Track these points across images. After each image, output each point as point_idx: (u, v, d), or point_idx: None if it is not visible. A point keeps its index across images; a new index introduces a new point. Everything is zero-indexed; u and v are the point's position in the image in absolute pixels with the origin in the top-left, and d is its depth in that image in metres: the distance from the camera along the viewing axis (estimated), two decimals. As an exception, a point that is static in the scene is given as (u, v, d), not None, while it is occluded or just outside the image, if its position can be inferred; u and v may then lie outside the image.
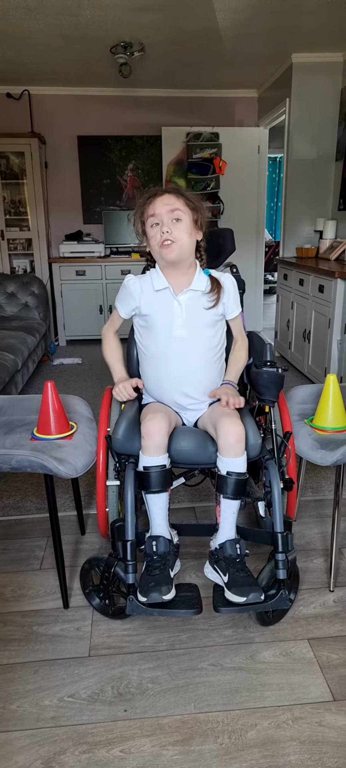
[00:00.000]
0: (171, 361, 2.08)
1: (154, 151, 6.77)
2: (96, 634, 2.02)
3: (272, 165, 11.12)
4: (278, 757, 1.55)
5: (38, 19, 4.28)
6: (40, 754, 1.58)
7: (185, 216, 2.02)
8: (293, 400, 2.52)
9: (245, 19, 4.35)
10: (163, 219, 2.00)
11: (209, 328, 2.10)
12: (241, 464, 1.88)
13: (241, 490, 1.89)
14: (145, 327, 2.14)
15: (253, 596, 1.77)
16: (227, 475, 1.88)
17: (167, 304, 2.08)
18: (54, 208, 6.85)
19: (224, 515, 1.93)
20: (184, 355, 2.07)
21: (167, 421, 1.93)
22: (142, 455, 1.91)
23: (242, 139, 6.62)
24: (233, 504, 1.91)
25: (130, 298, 2.12)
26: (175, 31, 4.60)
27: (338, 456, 1.97)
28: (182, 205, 2.02)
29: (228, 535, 1.93)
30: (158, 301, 2.09)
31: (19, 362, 4.25)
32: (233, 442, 1.87)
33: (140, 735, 1.63)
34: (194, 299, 2.08)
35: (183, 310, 2.06)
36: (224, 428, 1.88)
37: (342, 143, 5.34)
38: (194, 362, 2.07)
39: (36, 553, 2.52)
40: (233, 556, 1.89)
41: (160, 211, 2.00)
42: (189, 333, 2.06)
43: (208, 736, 1.62)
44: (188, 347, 2.06)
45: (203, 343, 2.09)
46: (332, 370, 4.34)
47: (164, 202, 2.01)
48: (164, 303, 2.08)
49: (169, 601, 1.79)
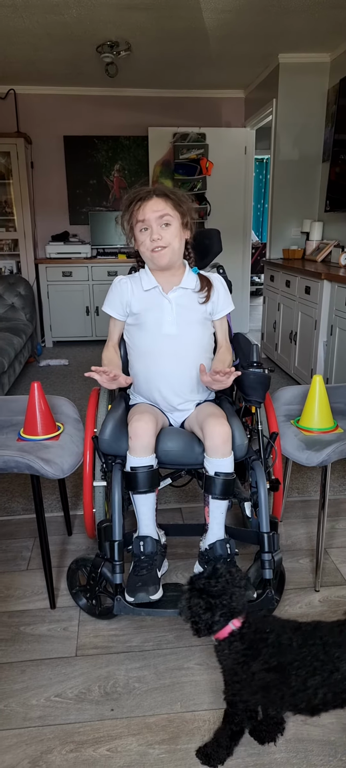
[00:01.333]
0: (162, 358, 2.08)
1: (141, 152, 6.77)
2: (83, 634, 2.02)
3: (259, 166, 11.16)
4: (264, 756, 1.56)
5: (24, 17, 4.26)
6: (27, 753, 1.58)
7: (174, 220, 2.02)
8: (280, 401, 2.54)
9: (231, 19, 4.37)
10: (153, 225, 2.00)
11: (199, 326, 2.11)
12: (228, 464, 1.89)
13: (229, 490, 1.90)
14: (136, 325, 2.14)
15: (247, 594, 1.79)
16: (214, 476, 1.88)
17: (157, 302, 2.09)
18: (40, 209, 6.83)
19: (212, 516, 1.93)
20: (175, 353, 2.07)
21: (154, 422, 1.93)
22: (130, 456, 1.91)
23: (229, 139, 6.64)
24: (221, 504, 1.92)
25: (122, 296, 2.13)
26: (161, 30, 4.60)
27: (324, 457, 1.99)
28: (171, 209, 2.01)
29: (218, 535, 1.94)
30: (148, 299, 2.10)
31: (6, 363, 4.24)
32: (220, 443, 1.87)
33: (127, 734, 1.63)
34: (184, 297, 2.09)
35: (173, 308, 2.07)
36: (210, 429, 1.89)
37: (329, 144, 5.36)
38: (185, 359, 2.08)
39: (23, 553, 2.51)
40: (224, 555, 1.90)
41: (149, 217, 2.00)
42: (180, 330, 2.07)
43: (194, 735, 1.63)
44: (179, 345, 2.07)
45: (194, 341, 2.10)
46: (318, 371, 4.36)
47: (153, 208, 2.00)
48: (154, 301, 2.09)
49: (156, 601, 1.80)
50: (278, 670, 1.35)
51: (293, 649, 1.36)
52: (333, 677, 1.31)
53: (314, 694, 1.32)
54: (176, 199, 2.03)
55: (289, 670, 1.34)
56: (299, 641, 1.37)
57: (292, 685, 1.34)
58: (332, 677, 1.31)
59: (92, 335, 6.76)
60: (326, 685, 1.31)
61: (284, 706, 1.39)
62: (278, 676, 1.35)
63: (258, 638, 1.39)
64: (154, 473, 1.91)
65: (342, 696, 1.33)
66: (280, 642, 1.38)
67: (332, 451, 1.99)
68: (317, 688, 1.32)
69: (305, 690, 1.33)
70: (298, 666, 1.33)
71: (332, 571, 2.35)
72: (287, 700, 1.36)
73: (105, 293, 2.20)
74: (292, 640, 1.38)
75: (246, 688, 1.40)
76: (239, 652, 1.39)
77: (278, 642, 1.38)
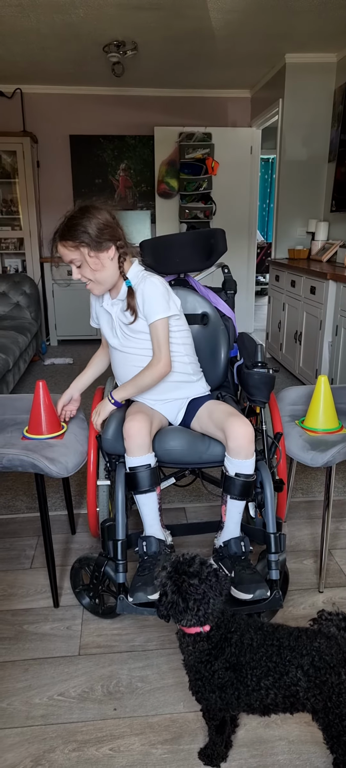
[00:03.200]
0: (117, 368, 2.18)
1: (147, 151, 6.77)
2: (86, 633, 2.02)
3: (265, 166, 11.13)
4: (267, 757, 1.56)
5: (31, 17, 4.27)
6: (29, 752, 1.58)
7: (81, 258, 1.96)
8: (284, 401, 2.53)
9: (238, 19, 4.36)
10: (73, 268, 2.01)
11: (143, 334, 2.05)
12: (250, 466, 1.90)
13: (248, 491, 1.91)
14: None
15: (259, 593, 1.80)
16: (235, 477, 1.89)
17: (106, 316, 2.15)
18: (46, 208, 6.83)
19: (229, 515, 1.94)
20: (123, 363, 2.12)
21: (148, 421, 1.93)
22: (127, 456, 1.92)
23: (235, 139, 6.63)
24: (239, 504, 1.93)
25: (91, 308, 2.26)
26: (168, 30, 4.60)
27: (329, 457, 1.98)
28: (72, 252, 1.95)
29: (233, 533, 1.95)
30: (102, 312, 2.17)
31: (11, 362, 4.24)
32: (245, 443, 1.87)
33: (130, 734, 1.63)
34: (121, 308, 2.08)
35: (114, 320, 2.10)
36: (234, 429, 1.88)
37: (335, 144, 5.35)
38: (135, 368, 2.07)
39: (26, 552, 2.51)
40: (238, 553, 1.91)
41: (64, 259, 2.01)
42: (123, 341, 2.09)
43: (197, 735, 1.62)
44: (126, 355, 2.10)
45: (141, 350, 2.06)
46: (323, 371, 4.35)
47: (60, 253, 1.99)
48: (105, 315, 2.16)
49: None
50: (236, 669, 1.36)
51: (253, 649, 1.37)
52: (283, 680, 1.32)
53: (266, 694, 1.34)
54: (71, 238, 1.93)
55: (246, 670, 1.35)
56: (258, 641, 1.38)
57: (247, 684, 1.35)
58: (282, 680, 1.32)
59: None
60: (276, 687, 1.33)
61: (240, 705, 1.39)
62: (235, 675, 1.36)
63: (223, 638, 1.40)
64: (154, 472, 1.91)
65: (290, 700, 1.33)
66: (242, 642, 1.39)
67: (337, 452, 1.99)
68: (269, 688, 1.33)
69: (259, 690, 1.34)
70: (254, 666, 1.35)
71: (336, 573, 2.35)
72: (242, 699, 1.37)
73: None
74: (253, 640, 1.38)
75: (206, 686, 1.40)
76: (204, 651, 1.39)
77: (241, 642, 1.39)
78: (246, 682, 1.35)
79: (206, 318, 2.38)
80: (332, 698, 1.29)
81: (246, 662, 1.35)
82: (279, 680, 1.32)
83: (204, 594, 1.34)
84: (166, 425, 2.15)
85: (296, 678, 1.31)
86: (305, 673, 1.31)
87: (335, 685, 1.29)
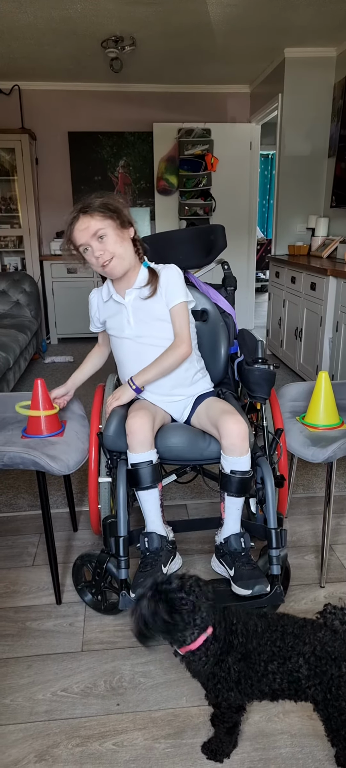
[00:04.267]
0: (129, 361, 2.14)
1: (146, 148, 6.75)
2: (88, 629, 2.03)
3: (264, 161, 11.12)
4: (270, 750, 1.56)
5: (28, 12, 4.26)
6: (33, 747, 1.59)
7: (108, 229, 1.98)
8: (285, 397, 2.54)
9: (237, 14, 4.36)
10: (91, 243, 1.98)
11: (160, 321, 2.09)
12: (245, 463, 1.90)
13: (245, 488, 1.92)
14: (109, 331, 2.21)
15: (258, 588, 1.81)
16: (230, 474, 1.89)
17: (116, 308, 2.13)
18: (45, 205, 6.83)
19: (228, 512, 1.95)
20: (138, 353, 2.11)
21: (150, 417, 1.93)
22: (129, 453, 1.93)
23: (234, 135, 6.62)
24: (237, 501, 1.93)
25: (92, 311, 2.24)
26: (166, 25, 4.59)
27: (330, 453, 1.99)
28: (99, 221, 1.97)
29: (233, 530, 1.96)
30: (109, 308, 2.17)
31: (11, 360, 4.24)
32: (238, 441, 1.88)
33: (133, 728, 1.64)
34: (139, 296, 2.09)
35: (130, 311, 2.09)
36: (227, 426, 1.89)
37: (335, 139, 5.35)
38: (149, 358, 2.08)
39: (29, 549, 2.52)
40: (238, 550, 1.92)
41: (84, 237, 1.98)
42: (139, 331, 2.09)
43: (200, 730, 1.63)
44: (141, 345, 2.10)
45: (156, 339, 2.09)
46: (323, 367, 4.36)
47: (81, 228, 1.98)
48: (114, 308, 2.14)
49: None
50: (246, 658, 1.37)
51: (258, 634, 1.39)
52: (285, 665, 1.34)
53: (273, 678, 1.35)
54: (101, 209, 1.98)
55: (254, 656, 1.37)
56: (263, 626, 1.40)
57: (257, 671, 1.36)
58: (285, 665, 1.34)
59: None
60: (281, 672, 1.35)
61: (254, 693, 1.41)
62: (246, 664, 1.37)
63: (228, 631, 1.40)
64: (155, 468, 1.92)
65: (294, 686, 1.35)
66: (247, 629, 1.40)
67: (337, 448, 1.99)
68: (275, 673, 1.35)
69: (267, 675, 1.36)
70: (260, 651, 1.36)
71: (338, 567, 2.35)
72: (255, 686, 1.38)
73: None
74: (257, 626, 1.40)
75: (224, 685, 1.40)
76: (217, 651, 1.39)
77: (246, 629, 1.40)
78: (256, 668, 1.36)
79: (205, 314, 2.38)
80: (332, 690, 1.31)
81: (253, 648, 1.37)
82: (283, 665, 1.34)
83: (194, 603, 1.34)
84: (169, 422, 2.15)
85: (298, 665, 1.33)
86: (307, 660, 1.33)
87: (335, 677, 1.30)
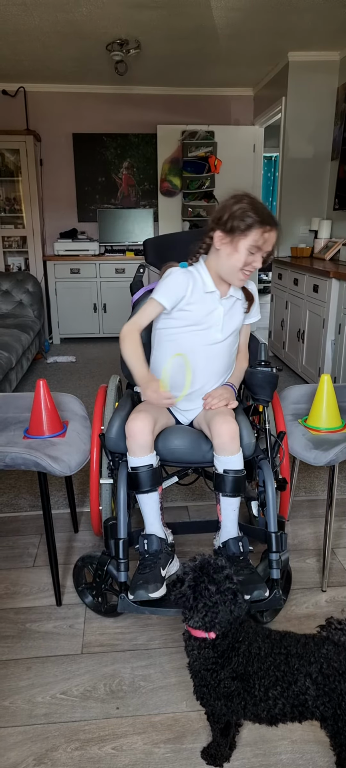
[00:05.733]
0: (199, 360, 2.07)
1: (150, 150, 6.76)
2: (89, 631, 2.02)
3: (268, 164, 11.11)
4: (270, 756, 1.56)
5: (34, 15, 4.27)
6: (32, 750, 1.58)
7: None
8: (287, 399, 2.53)
9: (241, 17, 4.35)
10: (260, 254, 1.97)
11: (236, 335, 2.16)
12: (237, 461, 1.89)
13: (239, 487, 1.90)
14: (184, 321, 2.06)
15: (257, 593, 1.79)
16: (224, 473, 1.89)
17: (211, 306, 2.06)
18: (49, 206, 6.84)
19: (224, 513, 1.94)
20: (212, 357, 2.09)
21: (151, 420, 1.91)
22: (129, 456, 1.92)
23: (238, 137, 6.62)
24: (232, 501, 1.92)
25: (180, 288, 2.02)
26: (171, 28, 4.59)
27: (332, 456, 1.98)
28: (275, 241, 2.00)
29: (231, 533, 1.94)
30: (205, 301, 2.06)
31: (14, 360, 4.24)
32: (227, 440, 1.87)
33: (132, 732, 1.63)
34: (232, 305, 2.10)
35: (222, 315, 2.07)
36: (217, 427, 1.89)
37: (338, 142, 5.34)
38: (218, 365, 2.11)
39: (29, 550, 2.51)
40: (237, 554, 1.90)
41: (269, 248, 1.97)
42: (224, 336, 2.09)
43: (200, 735, 1.62)
44: (218, 350, 2.09)
45: (229, 347, 2.13)
46: (326, 370, 4.34)
47: (272, 241, 1.97)
48: (210, 305, 2.06)
49: (160, 600, 1.80)
50: (244, 679, 1.35)
51: (260, 658, 1.36)
52: (291, 689, 1.31)
53: (274, 704, 1.33)
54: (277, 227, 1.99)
55: (253, 680, 1.34)
56: (266, 650, 1.37)
57: (255, 695, 1.34)
58: (290, 689, 1.31)
59: (100, 332, 6.76)
60: (285, 697, 1.31)
61: (247, 714, 1.39)
62: (242, 685, 1.35)
63: (230, 648, 1.39)
64: (155, 472, 1.91)
65: (298, 709, 1.32)
66: (250, 651, 1.37)
67: (340, 451, 1.98)
68: (277, 698, 1.32)
69: (267, 700, 1.33)
70: (262, 675, 1.34)
71: (339, 572, 2.34)
72: (249, 709, 1.36)
73: (113, 290, 2.22)
74: (260, 649, 1.37)
75: (211, 693, 1.39)
76: (209, 659, 1.38)
77: (249, 651, 1.37)
78: (253, 692, 1.34)
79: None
80: (342, 705, 1.27)
81: (254, 672, 1.34)
82: (287, 689, 1.31)
83: (215, 603, 1.34)
84: (173, 424, 2.15)
85: (305, 687, 1.30)
86: (314, 681, 1.29)
87: (345, 692, 1.27)
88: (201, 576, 1.36)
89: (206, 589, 1.34)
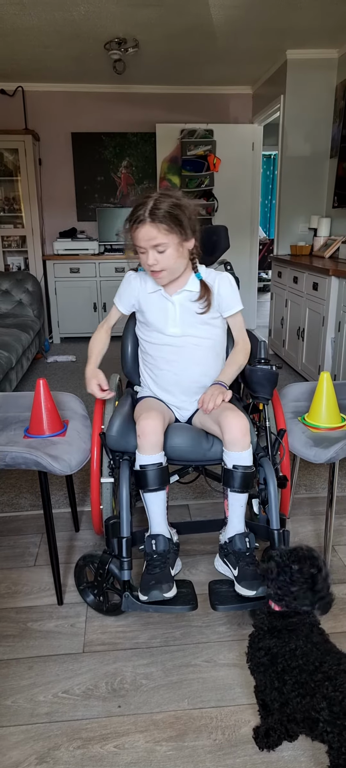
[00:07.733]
0: (168, 358, 2.10)
1: (149, 148, 6.76)
2: (90, 630, 2.02)
3: (266, 162, 11.12)
4: (272, 753, 1.56)
5: (32, 14, 4.27)
6: (34, 749, 1.58)
7: (169, 245, 1.95)
8: (287, 397, 2.53)
9: (239, 15, 4.35)
10: (148, 250, 1.96)
11: (204, 326, 2.10)
12: (247, 457, 1.90)
13: (248, 483, 1.91)
14: (144, 323, 2.17)
15: (262, 590, 1.79)
16: (233, 469, 1.89)
17: (161, 304, 2.09)
18: (48, 205, 6.84)
19: (232, 509, 1.94)
20: (179, 353, 2.08)
21: (162, 419, 1.93)
22: (139, 454, 1.91)
23: (237, 136, 6.62)
24: (240, 497, 1.92)
25: (131, 293, 2.16)
26: (169, 27, 4.59)
27: (332, 453, 1.98)
28: (164, 236, 1.92)
29: (237, 529, 1.95)
30: (153, 300, 2.11)
31: (14, 359, 4.24)
32: (240, 435, 1.88)
33: (134, 731, 1.63)
34: (188, 298, 2.08)
35: (177, 309, 2.07)
36: (228, 422, 1.89)
37: (337, 140, 5.34)
38: (191, 359, 2.08)
39: (30, 549, 2.52)
40: (243, 549, 1.91)
41: (143, 244, 1.96)
42: (183, 331, 2.07)
43: (201, 732, 1.63)
44: (183, 345, 2.08)
45: (198, 340, 2.09)
46: (325, 367, 4.35)
47: (146, 237, 1.93)
48: (159, 303, 2.10)
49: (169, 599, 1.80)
50: (285, 670, 1.38)
51: (295, 657, 1.39)
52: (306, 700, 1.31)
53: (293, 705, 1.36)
54: (169, 224, 1.92)
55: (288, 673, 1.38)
56: (307, 650, 1.39)
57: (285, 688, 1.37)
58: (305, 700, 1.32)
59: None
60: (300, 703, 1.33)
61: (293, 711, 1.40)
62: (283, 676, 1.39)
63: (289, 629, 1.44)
64: (164, 470, 1.91)
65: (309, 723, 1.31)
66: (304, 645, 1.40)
67: (340, 448, 1.99)
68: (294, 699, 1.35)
69: (292, 698, 1.36)
70: (291, 670, 1.37)
71: (340, 569, 2.34)
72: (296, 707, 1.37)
73: (112, 289, 2.21)
74: (306, 647, 1.40)
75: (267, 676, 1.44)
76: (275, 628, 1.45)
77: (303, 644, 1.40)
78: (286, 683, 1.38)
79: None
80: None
81: (294, 666, 1.37)
82: (303, 698, 1.32)
83: (291, 582, 1.40)
84: (173, 421, 2.16)
85: (319, 706, 1.26)
86: (330, 705, 1.24)
87: None
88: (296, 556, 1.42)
89: (290, 566, 1.40)
